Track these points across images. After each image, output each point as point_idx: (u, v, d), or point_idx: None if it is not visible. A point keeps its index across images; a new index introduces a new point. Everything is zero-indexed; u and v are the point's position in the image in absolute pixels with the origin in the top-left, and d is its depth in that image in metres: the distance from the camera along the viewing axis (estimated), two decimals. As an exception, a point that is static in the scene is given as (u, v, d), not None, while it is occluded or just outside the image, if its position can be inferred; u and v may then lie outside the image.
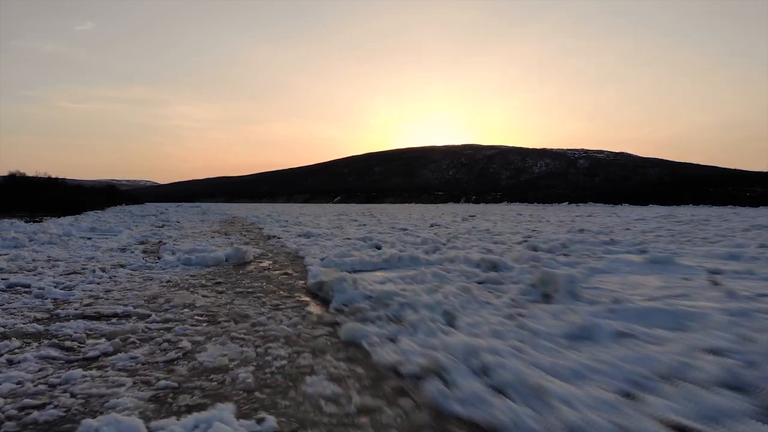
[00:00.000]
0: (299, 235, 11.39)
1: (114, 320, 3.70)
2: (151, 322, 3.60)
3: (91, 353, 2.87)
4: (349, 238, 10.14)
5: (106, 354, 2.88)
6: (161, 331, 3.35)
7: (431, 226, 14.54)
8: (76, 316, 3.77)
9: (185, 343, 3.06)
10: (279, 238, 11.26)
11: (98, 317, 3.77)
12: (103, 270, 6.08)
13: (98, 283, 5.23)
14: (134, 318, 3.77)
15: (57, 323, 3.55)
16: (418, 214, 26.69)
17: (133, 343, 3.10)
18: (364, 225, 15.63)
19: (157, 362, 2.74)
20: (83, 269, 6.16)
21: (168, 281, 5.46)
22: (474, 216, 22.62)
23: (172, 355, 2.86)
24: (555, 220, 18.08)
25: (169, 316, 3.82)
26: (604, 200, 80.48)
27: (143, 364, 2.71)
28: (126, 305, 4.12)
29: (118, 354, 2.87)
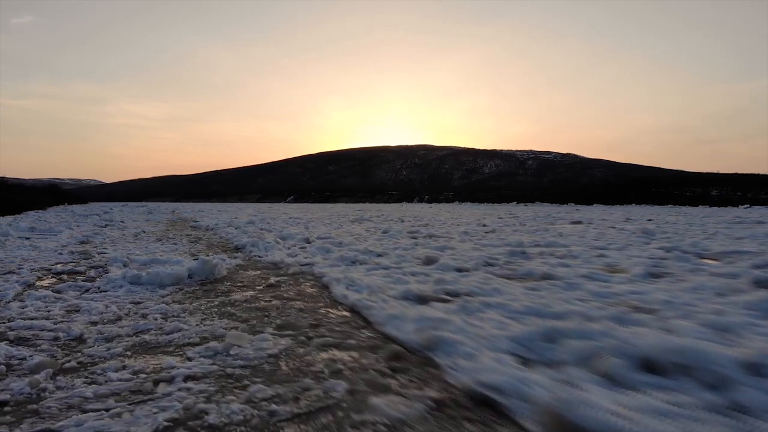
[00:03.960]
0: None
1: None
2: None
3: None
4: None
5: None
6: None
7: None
8: None
9: None
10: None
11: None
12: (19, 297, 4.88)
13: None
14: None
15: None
16: (437, 217, 21.03)
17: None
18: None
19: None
20: (19, 269, 5.80)
21: (101, 313, 3.70)
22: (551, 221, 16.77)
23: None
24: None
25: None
26: (551, 200, 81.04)
27: None
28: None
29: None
